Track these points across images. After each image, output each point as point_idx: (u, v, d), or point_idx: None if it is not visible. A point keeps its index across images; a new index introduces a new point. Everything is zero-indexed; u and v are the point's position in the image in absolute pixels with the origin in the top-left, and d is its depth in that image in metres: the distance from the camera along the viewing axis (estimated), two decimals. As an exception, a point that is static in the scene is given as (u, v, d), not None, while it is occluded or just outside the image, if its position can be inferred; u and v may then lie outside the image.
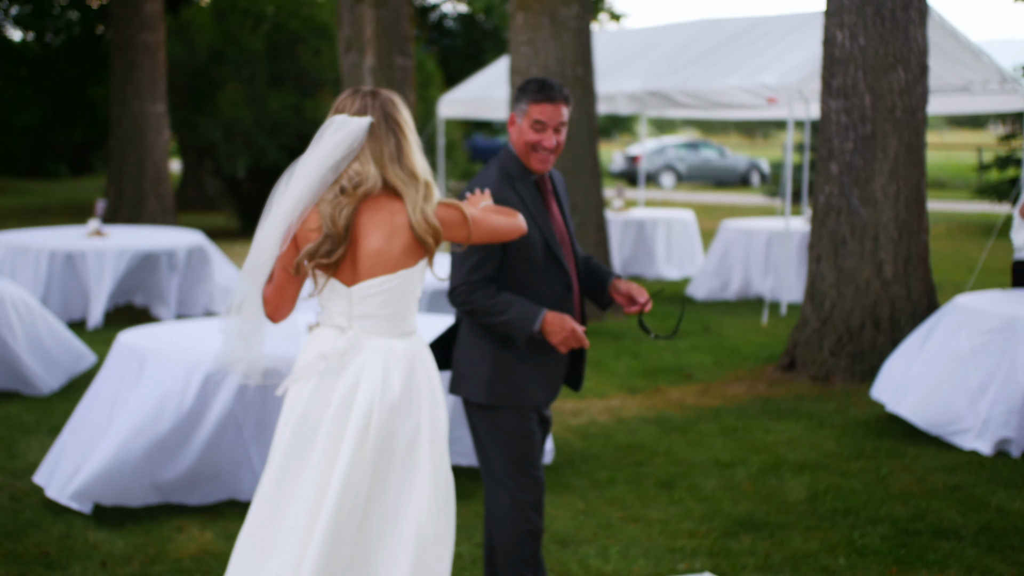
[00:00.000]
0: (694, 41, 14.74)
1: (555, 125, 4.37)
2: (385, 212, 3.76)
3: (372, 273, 3.78)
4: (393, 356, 3.80)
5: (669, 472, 6.91)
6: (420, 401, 3.84)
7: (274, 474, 3.76)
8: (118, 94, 18.70)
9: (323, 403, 3.77)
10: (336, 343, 3.80)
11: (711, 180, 38.11)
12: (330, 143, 3.76)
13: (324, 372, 3.78)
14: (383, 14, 13.48)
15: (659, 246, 15.44)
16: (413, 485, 3.80)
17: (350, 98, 3.84)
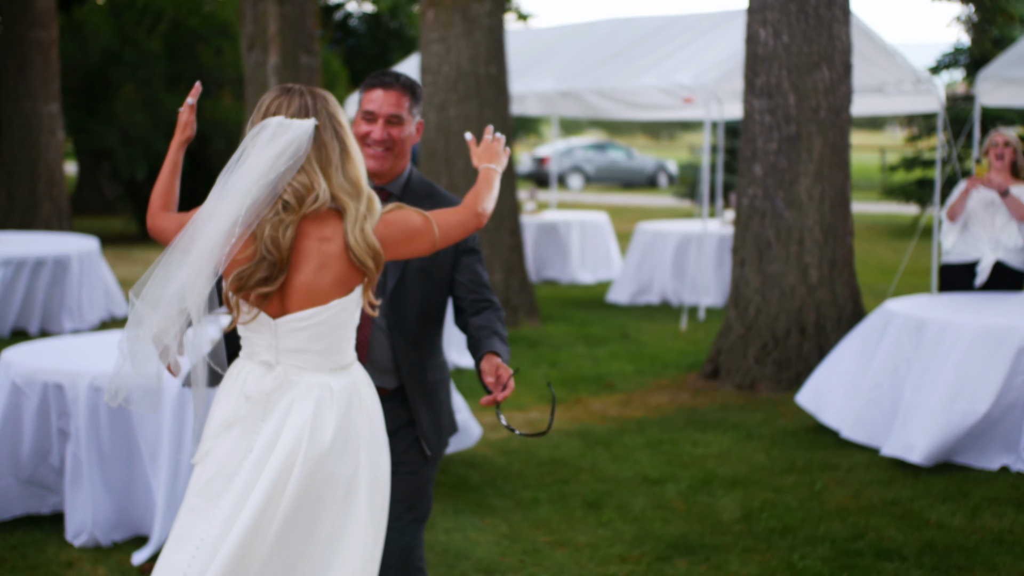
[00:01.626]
0: (607, 40, 14.44)
1: (387, 115, 3.88)
2: (322, 231, 3.28)
3: (302, 304, 3.30)
4: (327, 395, 3.32)
5: (596, 490, 6.56)
6: (358, 444, 3.37)
7: (180, 523, 3.30)
8: (9, 93, 17.94)
9: (245, 448, 3.30)
10: (262, 382, 3.32)
11: (619, 181, 38.02)
12: (271, 151, 3.24)
13: (248, 415, 3.31)
14: (287, 10, 13.00)
15: (573, 249, 15.13)
16: (344, 539, 3.34)
17: (284, 97, 3.33)
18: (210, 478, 3.29)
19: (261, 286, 3.23)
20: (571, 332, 11.40)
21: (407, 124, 3.92)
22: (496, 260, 11.33)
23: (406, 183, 4.02)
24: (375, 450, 3.42)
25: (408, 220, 3.36)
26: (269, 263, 3.22)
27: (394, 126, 3.89)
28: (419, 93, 3.95)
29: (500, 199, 11.26)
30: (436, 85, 11.19)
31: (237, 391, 3.33)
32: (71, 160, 34.17)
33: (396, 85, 3.90)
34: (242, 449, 3.28)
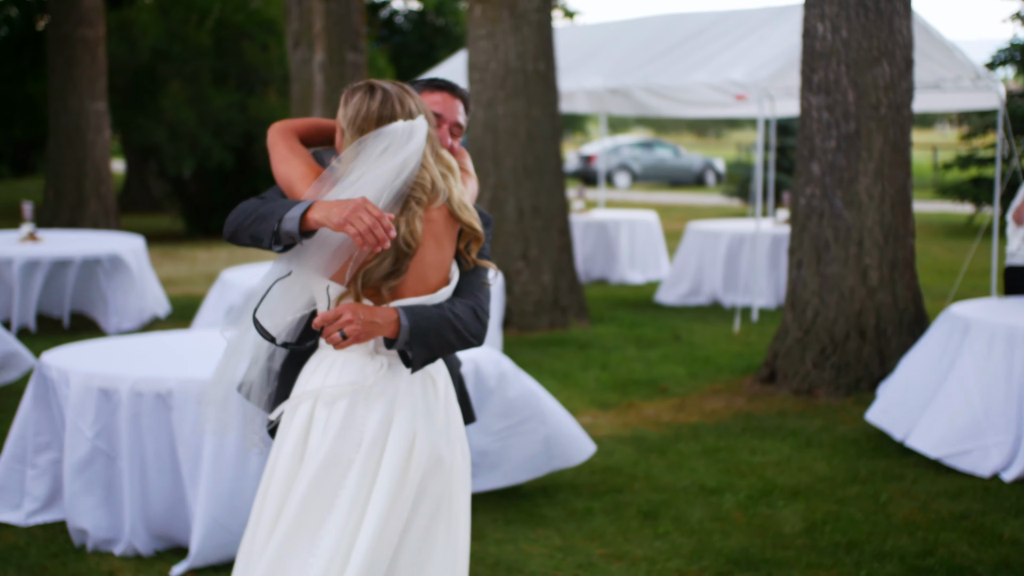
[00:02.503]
0: (658, 36, 14.20)
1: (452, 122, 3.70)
2: (437, 219, 3.34)
3: (415, 290, 3.32)
4: (430, 382, 3.40)
5: (651, 500, 6.34)
6: (458, 432, 3.48)
7: (287, 527, 3.19)
8: (56, 91, 17.92)
9: (354, 444, 3.24)
10: (365, 371, 3.29)
11: (666, 180, 37.73)
12: (400, 157, 3.23)
13: (352, 406, 3.26)
14: (333, 7, 12.86)
15: (622, 249, 14.89)
16: (451, 526, 3.40)
17: (386, 101, 3.27)
18: (316, 476, 3.21)
19: (390, 279, 3.23)
20: (621, 334, 11.18)
21: (461, 138, 3.76)
22: (545, 260, 11.13)
23: None
24: (462, 435, 3.50)
25: (473, 192, 3.59)
26: (400, 255, 3.23)
27: (456, 136, 3.71)
28: (470, 108, 3.81)
29: (549, 198, 11.09)
30: (483, 82, 11.00)
31: (333, 381, 3.28)
32: (119, 158, 34.29)
33: (460, 92, 3.72)
34: (350, 444, 3.24)
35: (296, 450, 3.28)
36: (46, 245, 10.62)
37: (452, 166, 3.38)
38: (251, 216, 3.30)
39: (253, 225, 3.28)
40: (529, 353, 10.05)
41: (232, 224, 3.34)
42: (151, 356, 5.77)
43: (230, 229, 3.34)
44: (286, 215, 3.20)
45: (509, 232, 11.05)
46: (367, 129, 3.25)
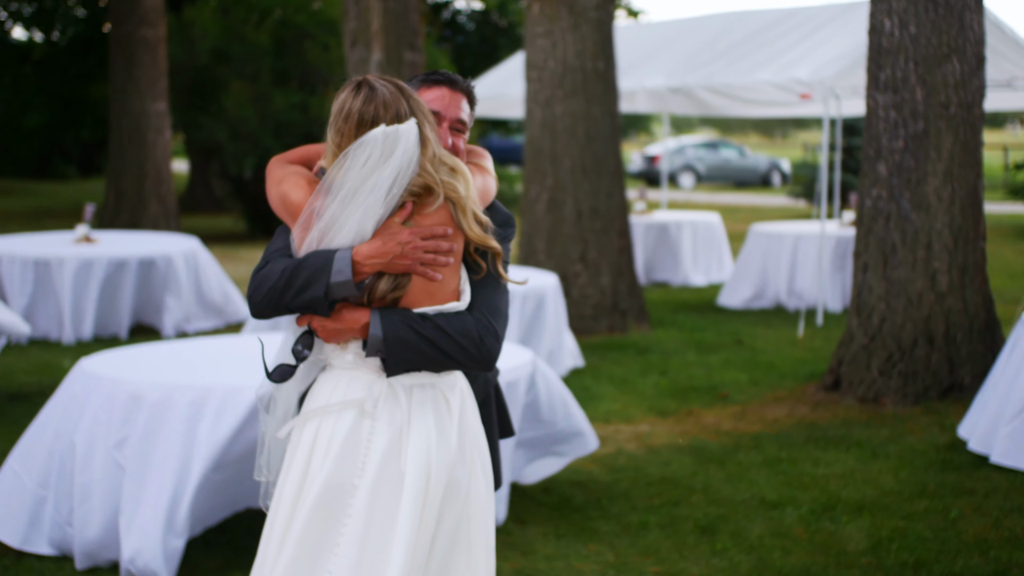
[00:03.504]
0: (721, 35, 13.93)
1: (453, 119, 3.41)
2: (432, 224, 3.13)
3: (421, 302, 3.13)
4: (442, 400, 3.17)
5: (709, 514, 6.10)
6: (472, 454, 3.22)
7: (291, 553, 3.02)
8: (118, 92, 17.96)
9: (356, 467, 3.05)
10: (372, 388, 3.10)
11: (731, 180, 37.31)
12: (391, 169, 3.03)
13: (356, 427, 3.07)
14: (391, 6, 12.69)
15: (685, 251, 14.62)
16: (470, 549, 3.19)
17: (372, 100, 3.05)
18: (317, 502, 3.03)
19: (394, 292, 3.09)
20: (682, 338, 10.93)
21: (466, 133, 3.47)
22: (604, 263, 10.91)
23: None
24: (484, 459, 3.28)
25: (487, 189, 3.31)
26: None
27: (459, 134, 3.43)
28: (475, 105, 3.51)
29: (608, 199, 10.86)
30: (541, 81, 10.81)
31: (338, 399, 3.11)
32: (183, 159, 34.47)
33: (462, 86, 3.44)
34: (352, 466, 3.05)
35: (301, 471, 3.11)
36: (100, 247, 10.55)
37: (457, 168, 3.14)
38: (284, 289, 3.13)
39: (294, 299, 3.12)
40: (587, 358, 9.83)
41: (262, 303, 3.16)
42: (188, 362, 5.63)
43: (261, 307, 3.16)
44: (333, 280, 3.07)
45: (567, 234, 10.84)
46: (345, 129, 3.05)
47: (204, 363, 5.62)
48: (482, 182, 3.31)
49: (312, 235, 3.06)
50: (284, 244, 3.20)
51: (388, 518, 3.03)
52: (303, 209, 3.08)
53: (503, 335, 3.25)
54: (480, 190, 3.25)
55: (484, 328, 3.19)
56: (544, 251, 10.92)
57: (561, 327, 9.14)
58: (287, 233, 3.20)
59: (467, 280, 3.19)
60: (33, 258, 10.09)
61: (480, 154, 3.51)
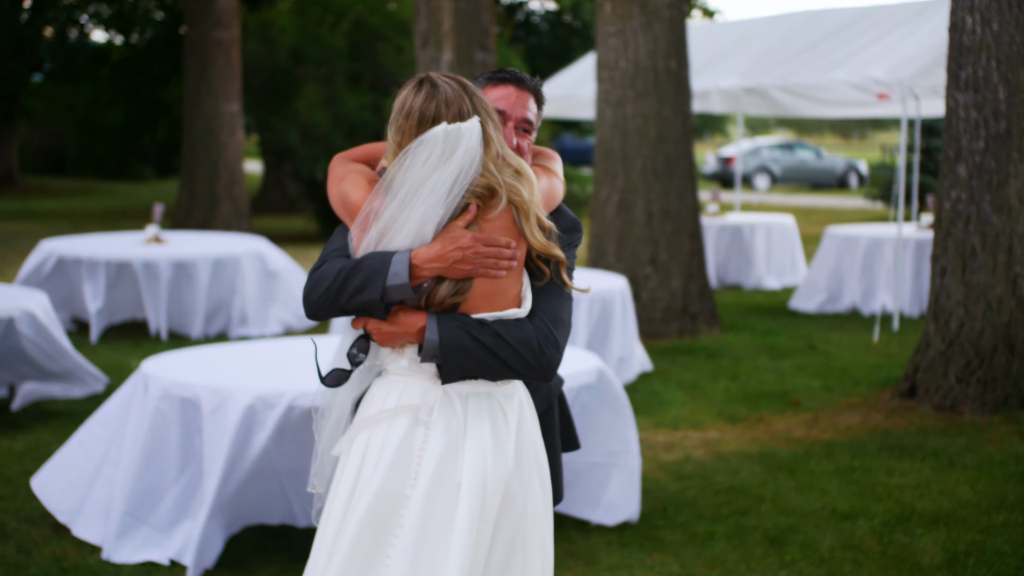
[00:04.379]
0: (797, 33, 13.70)
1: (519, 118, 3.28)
2: (498, 229, 3.00)
3: (479, 307, 3.02)
4: (500, 411, 3.04)
5: (778, 524, 5.94)
6: (530, 467, 3.07)
7: (340, 566, 2.92)
8: (191, 93, 18.08)
9: (409, 477, 2.93)
10: (426, 395, 3.00)
11: (807, 182, 36.86)
12: (451, 169, 2.92)
13: (408, 435, 2.96)
14: (462, 6, 12.62)
15: (758, 254, 14.40)
16: (530, 570, 3.05)
17: (434, 97, 2.95)
18: (368, 513, 2.91)
19: (454, 297, 2.98)
20: (754, 342, 10.74)
21: (533, 133, 3.34)
22: (675, 265, 10.74)
23: None
24: (543, 473, 3.14)
25: (553, 193, 3.18)
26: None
27: (524, 134, 3.30)
28: (543, 103, 3.38)
29: (680, 201, 10.69)
30: (612, 81, 10.66)
31: (392, 406, 2.99)
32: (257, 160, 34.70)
33: (529, 85, 3.31)
34: (405, 476, 2.93)
35: (352, 480, 3.00)
36: (169, 247, 10.58)
37: (522, 170, 3.01)
38: (339, 290, 3.04)
39: (349, 301, 3.03)
40: (657, 362, 9.68)
41: (316, 304, 3.07)
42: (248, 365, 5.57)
43: (315, 308, 3.08)
44: (389, 284, 2.98)
45: (637, 236, 10.69)
46: (405, 127, 2.94)
47: (264, 366, 5.56)
48: (548, 185, 3.17)
49: (370, 236, 2.96)
50: (342, 244, 3.12)
51: (442, 530, 2.91)
52: (361, 209, 2.98)
53: (564, 345, 3.12)
54: (545, 194, 3.12)
55: (544, 337, 3.06)
56: (614, 253, 10.77)
57: (630, 331, 8.99)
58: (345, 232, 3.11)
59: (529, 286, 3.07)
60: (104, 259, 10.13)
61: (548, 156, 3.39)
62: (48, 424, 7.59)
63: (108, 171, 35.60)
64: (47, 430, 7.45)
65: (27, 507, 5.99)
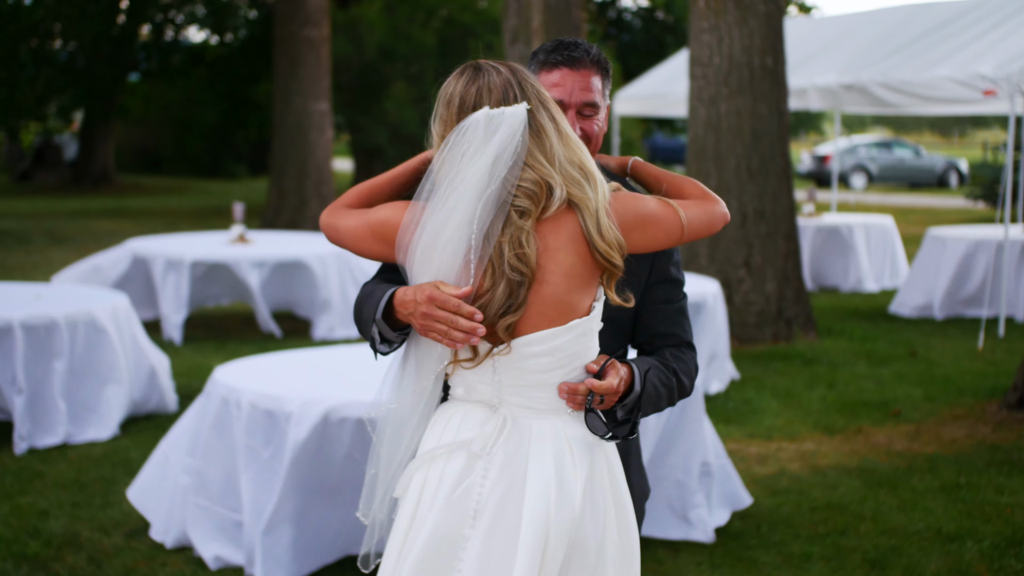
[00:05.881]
0: (900, 28, 13.25)
1: (578, 103, 2.93)
2: (557, 231, 2.63)
3: (537, 325, 2.64)
4: (567, 444, 2.69)
5: (879, 546, 5.61)
6: (607, 505, 2.72)
7: None
8: (281, 92, 18.05)
9: (467, 515, 2.64)
10: (484, 428, 2.67)
11: (905, 181, 36.09)
12: (486, 157, 2.56)
13: (466, 469, 2.66)
14: (552, 2, 12.39)
15: (856, 255, 13.96)
16: None
17: (477, 79, 2.63)
18: (423, 554, 2.63)
19: (508, 315, 2.60)
20: (851, 348, 10.35)
21: (601, 112, 2.98)
22: (769, 268, 10.39)
23: None
24: (623, 510, 2.78)
25: (639, 202, 2.72)
26: (515, 284, 2.58)
27: (588, 119, 2.96)
28: (609, 68, 3.02)
29: (775, 201, 10.36)
30: (706, 78, 10.35)
31: (449, 439, 2.69)
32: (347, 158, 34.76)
33: (586, 61, 2.94)
34: (463, 514, 2.64)
35: (409, 517, 2.71)
36: (253, 248, 10.46)
37: (585, 167, 2.65)
38: (358, 324, 2.85)
39: (361, 328, 2.83)
40: (750, 368, 9.36)
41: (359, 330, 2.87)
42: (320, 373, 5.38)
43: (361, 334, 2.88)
44: (375, 320, 2.74)
45: (730, 238, 10.36)
46: (447, 116, 2.63)
47: (338, 375, 5.36)
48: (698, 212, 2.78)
49: (413, 246, 2.63)
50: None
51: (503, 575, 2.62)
52: (401, 226, 2.65)
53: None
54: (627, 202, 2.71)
55: (696, 363, 2.93)
56: (706, 256, 10.45)
57: (722, 337, 8.67)
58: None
59: (602, 294, 2.72)
60: (191, 259, 10.04)
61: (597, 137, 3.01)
62: (127, 429, 7.48)
63: (202, 169, 35.94)
64: (125, 435, 7.34)
65: (101, 515, 5.86)
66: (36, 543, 5.45)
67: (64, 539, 5.51)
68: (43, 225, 21.02)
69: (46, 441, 7.01)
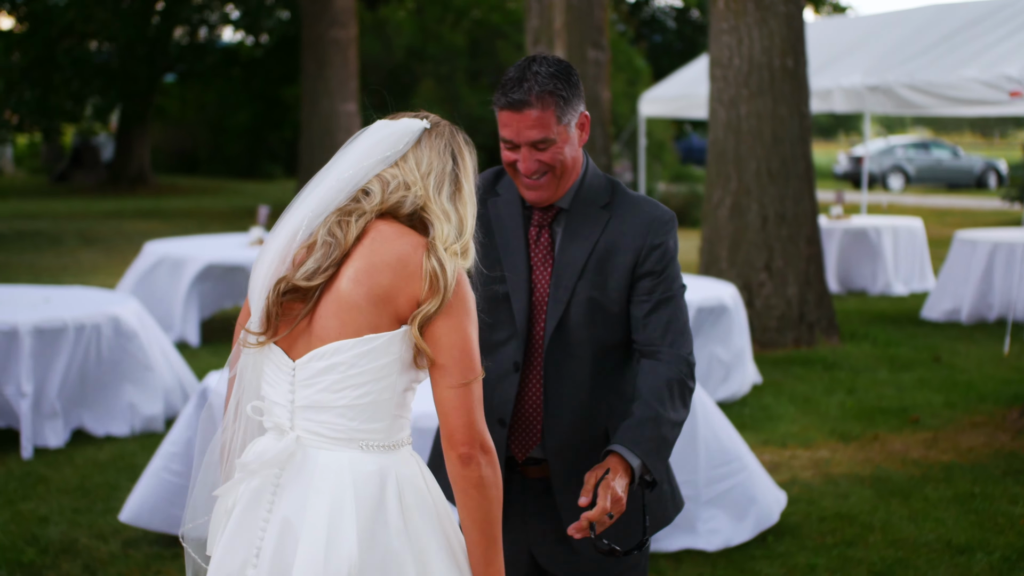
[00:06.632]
0: (926, 28, 13.09)
1: (527, 142, 2.93)
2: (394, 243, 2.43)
3: (327, 336, 2.39)
4: (351, 483, 2.37)
5: (886, 558, 5.50)
6: (402, 554, 2.37)
7: None
8: (309, 93, 18.08)
9: (249, 551, 2.39)
10: (265, 450, 2.42)
11: (943, 182, 35.73)
12: (360, 147, 2.54)
13: (254, 500, 2.41)
14: (574, 2, 12.31)
15: (884, 258, 13.79)
16: None
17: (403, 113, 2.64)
18: None
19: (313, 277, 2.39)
20: (874, 353, 10.21)
21: (560, 140, 2.95)
22: (790, 272, 10.27)
23: (576, 192, 3.07)
24: (440, 551, 2.42)
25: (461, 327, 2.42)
26: (330, 247, 2.41)
27: (543, 151, 2.94)
28: (566, 93, 2.94)
29: (796, 204, 10.23)
30: (726, 80, 10.24)
31: (248, 461, 2.46)
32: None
33: (529, 101, 2.90)
34: (241, 556, 2.41)
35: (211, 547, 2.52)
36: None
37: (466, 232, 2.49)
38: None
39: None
40: (769, 373, 9.25)
41: None
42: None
43: None
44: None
45: (751, 241, 10.24)
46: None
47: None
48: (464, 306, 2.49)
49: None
50: None
51: None
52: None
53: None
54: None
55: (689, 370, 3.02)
56: (726, 259, 10.34)
57: (742, 342, 8.55)
58: None
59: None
60: (207, 262, 10.04)
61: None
62: (138, 434, 7.47)
63: (239, 170, 36.05)
64: (134, 440, 7.33)
65: (100, 522, 5.84)
66: (33, 550, 5.43)
67: (61, 546, 5.49)
68: (76, 226, 21.13)
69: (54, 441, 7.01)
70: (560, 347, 2.98)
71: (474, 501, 2.35)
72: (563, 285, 2.98)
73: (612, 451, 2.82)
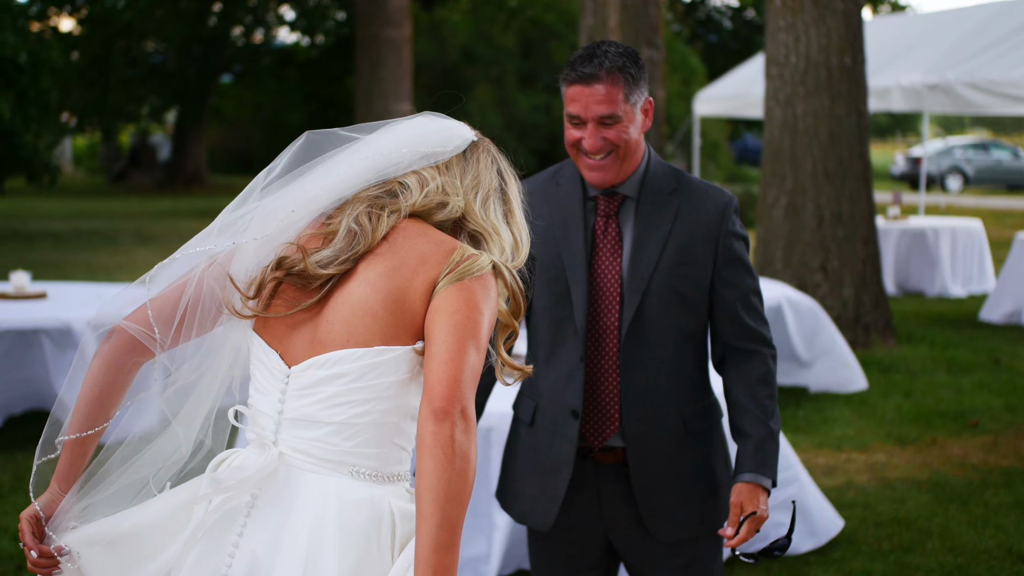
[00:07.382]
0: (987, 26, 12.88)
1: (595, 117, 2.91)
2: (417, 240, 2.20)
3: (331, 342, 2.13)
4: (336, 515, 2.10)
5: (944, 564, 5.38)
6: None
7: None
8: (362, 93, 18.11)
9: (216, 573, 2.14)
10: (243, 465, 2.15)
11: (1003, 183, 35.25)
12: (410, 131, 2.33)
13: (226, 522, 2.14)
14: (629, 1, 12.22)
15: (942, 259, 13.58)
16: None
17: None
18: None
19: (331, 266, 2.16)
20: (932, 356, 10.05)
21: (627, 119, 2.95)
22: (847, 273, 10.12)
23: (643, 179, 3.05)
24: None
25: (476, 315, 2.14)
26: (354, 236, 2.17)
27: (609, 128, 2.94)
28: (634, 72, 2.94)
29: (852, 204, 10.09)
30: (782, 78, 10.11)
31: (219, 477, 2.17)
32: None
33: (599, 76, 2.89)
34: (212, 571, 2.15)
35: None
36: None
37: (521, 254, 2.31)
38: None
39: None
40: (824, 375, 9.12)
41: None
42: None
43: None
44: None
45: (807, 241, 10.11)
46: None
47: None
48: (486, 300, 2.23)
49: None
50: None
51: None
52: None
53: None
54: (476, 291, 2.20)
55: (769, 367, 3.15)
56: (782, 260, 10.21)
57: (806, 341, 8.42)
58: None
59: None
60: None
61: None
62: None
63: (293, 171, 36.23)
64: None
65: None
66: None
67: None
68: (133, 225, 21.31)
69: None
70: (637, 337, 2.98)
71: (439, 463, 1.94)
72: (639, 275, 2.97)
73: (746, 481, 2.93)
